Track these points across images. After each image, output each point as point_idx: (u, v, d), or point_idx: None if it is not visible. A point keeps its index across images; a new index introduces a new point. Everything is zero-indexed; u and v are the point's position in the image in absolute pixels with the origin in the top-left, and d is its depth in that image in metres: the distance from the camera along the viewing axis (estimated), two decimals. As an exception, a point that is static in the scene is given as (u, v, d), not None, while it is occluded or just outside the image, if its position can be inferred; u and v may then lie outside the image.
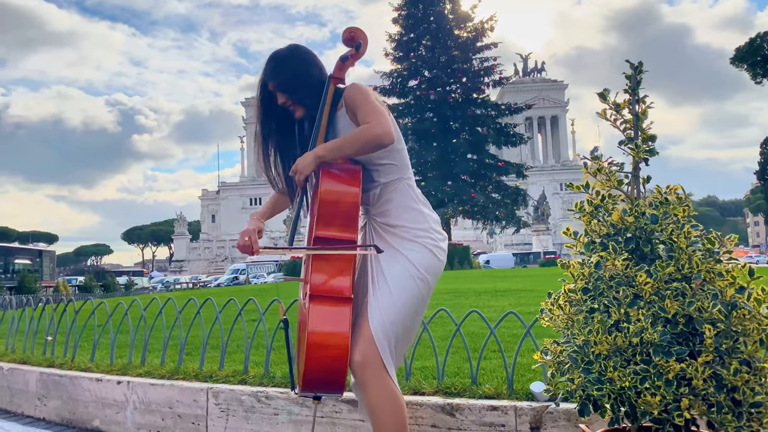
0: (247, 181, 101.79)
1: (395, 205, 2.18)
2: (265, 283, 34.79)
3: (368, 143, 2.05)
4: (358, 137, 2.05)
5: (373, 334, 1.99)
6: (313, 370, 1.95)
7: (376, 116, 2.06)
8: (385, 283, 2.07)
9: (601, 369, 1.87)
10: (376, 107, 2.10)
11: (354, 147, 2.07)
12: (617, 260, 1.97)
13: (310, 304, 1.97)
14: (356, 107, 2.12)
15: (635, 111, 2.18)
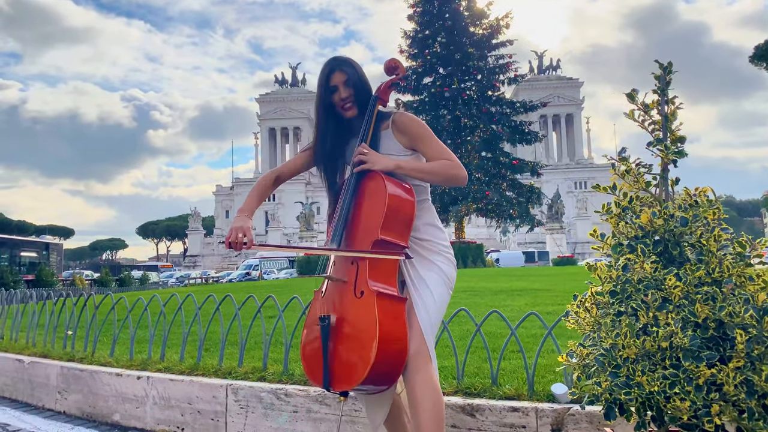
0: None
1: (423, 222, 2.37)
2: (277, 279, 34.89)
3: (452, 179, 2.32)
4: (446, 171, 2.29)
5: (422, 330, 2.17)
6: (381, 363, 2.04)
7: (454, 156, 2.32)
8: (426, 288, 2.26)
9: (629, 373, 1.85)
10: (445, 146, 2.33)
11: (437, 176, 2.30)
12: (646, 263, 1.95)
13: (378, 301, 2.08)
14: (422, 140, 2.34)
15: (664, 112, 2.16)
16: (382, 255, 2.19)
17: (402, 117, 2.40)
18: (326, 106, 2.43)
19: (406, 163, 2.30)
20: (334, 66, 2.40)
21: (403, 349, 2.10)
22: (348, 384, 2.13)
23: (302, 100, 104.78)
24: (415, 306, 2.22)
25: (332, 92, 2.40)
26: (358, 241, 2.27)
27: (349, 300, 2.20)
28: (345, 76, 2.38)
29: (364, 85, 2.43)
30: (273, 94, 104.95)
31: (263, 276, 43.40)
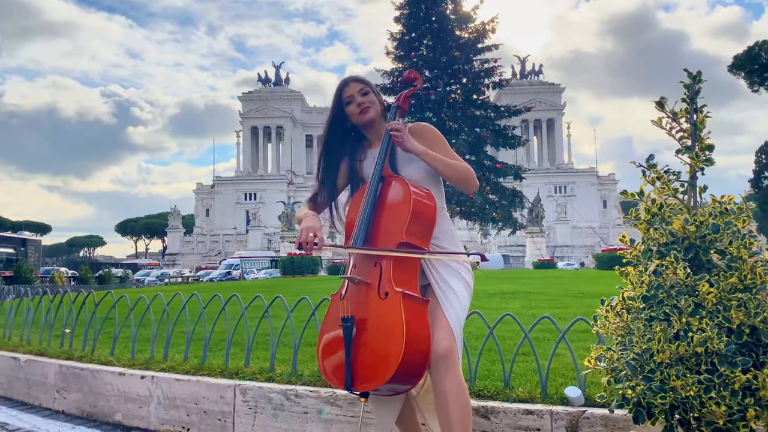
0: (242, 176, 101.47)
1: (442, 230, 2.43)
2: (256, 279, 34.72)
3: (468, 180, 2.40)
4: (466, 170, 2.38)
5: (452, 329, 2.23)
6: (407, 362, 2.06)
7: (467, 164, 2.43)
8: (452, 291, 2.32)
9: (663, 377, 1.88)
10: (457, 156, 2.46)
11: (458, 173, 2.38)
12: (678, 269, 1.98)
13: (403, 302, 2.11)
14: (439, 142, 2.47)
15: (693, 120, 2.19)
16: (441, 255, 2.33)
17: (418, 125, 2.53)
18: (337, 118, 2.55)
19: (432, 152, 2.38)
20: (347, 80, 2.55)
21: (426, 349, 2.14)
22: (373, 384, 2.15)
23: (285, 99, 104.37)
24: (443, 307, 2.28)
25: (347, 103, 2.50)
26: (381, 243, 2.31)
27: (372, 301, 2.22)
28: (360, 86, 2.50)
29: (379, 94, 2.59)
30: (256, 93, 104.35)
31: (244, 276, 43.10)
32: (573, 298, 7.84)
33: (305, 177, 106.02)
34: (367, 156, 2.59)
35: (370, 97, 2.50)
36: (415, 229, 2.26)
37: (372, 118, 2.50)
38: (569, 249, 75.98)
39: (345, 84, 2.53)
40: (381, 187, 2.41)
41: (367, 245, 2.38)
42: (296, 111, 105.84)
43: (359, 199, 2.49)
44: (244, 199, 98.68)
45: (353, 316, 2.27)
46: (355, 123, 2.54)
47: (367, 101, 2.48)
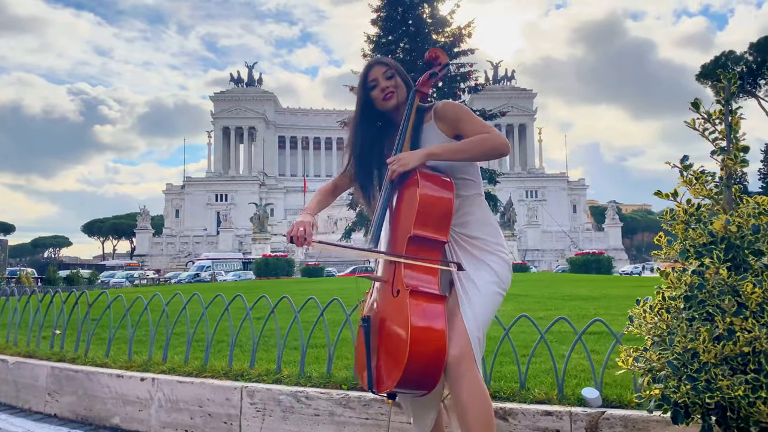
0: (213, 177, 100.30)
1: (475, 218, 2.30)
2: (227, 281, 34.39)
3: (493, 149, 2.19)
4: (481, 145, 2.19)
5: (467, 331, 2.07)
6: (414, 365, 1.96)
7: (492, 129, 2.23)
8: (475, 288, 2.17)
9: (709, 378, 1.88)
10: (485, 122, 2.26)
11: (476, 151, 2.20)
12: (721, 269, 1.98)
13: (410, 300, 2.01)
14: (460, 120, 2.28)
15: (728, 121, 2.21)
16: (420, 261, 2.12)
17: (441, 104, 2.37)
18: (365, 103, 2.42)
19: (438, 148, 2.22)
20: (372, 63, 2.42)
21: (439, 349, 2.00)
22: (386, 385, 2.09)
23: (258, 100, 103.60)
24: (461, 306, 2.14)
25: (372, 88, 2.38)
26: (398, 240, 2.23)
27: (387, 300, 2.16)
28: (384, 69, 2.38)
29: (405, 77, 2.42)
30: (228, 93, 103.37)
31: (216, 278, 42.57)
32: (562, 300, 7.91)
33: (277, 179, 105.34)
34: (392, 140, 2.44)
35: (395, 80, 2.37)
36: (426, 221, 2.13)
37: (396, 104, 2.37)
38: (540, 253, 76.82)
39: (370, 67, 2.41)
40: (397, 184, 2.29)
41: (386, 243, 2.35)
42: (269, 112, 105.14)
43: None
44: (214, 200, 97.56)
45: (370, 316, 2.23)
46: (380, 109, 2.41)
47: (391, 86, 2.36)
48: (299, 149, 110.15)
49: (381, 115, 2.44)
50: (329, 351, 3.59)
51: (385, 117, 2.45)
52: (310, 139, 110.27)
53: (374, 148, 2.46)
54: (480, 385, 2.07)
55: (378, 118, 2.45)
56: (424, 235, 2.12)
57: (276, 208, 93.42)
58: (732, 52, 58.80)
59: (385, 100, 2.36)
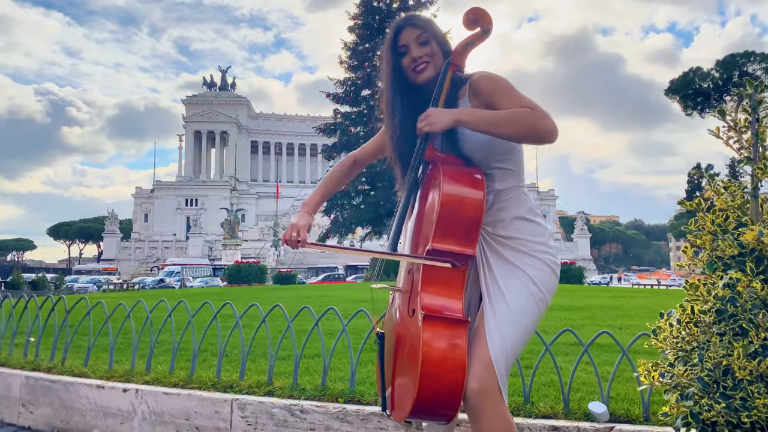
0: (183, 181, 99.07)
1: (510, 215, 1.94)
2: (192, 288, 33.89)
3: (534, 130, 1.80)
4: (523, 119, 1.79)
5: (492, 360, 1.76)
6: (427, 397, 1.71)
7: (537, 105, 1.83)
8: (503, 302, 1.84)
9: (746, 395, 1.80)
10: (530, 99, 1.86)
11: (513, 127, 1.80)
12: (755, 282, 1.91)
13: (424, 324, 1.72)
14: (493, 92, 1.90)
15: (755, 130, 2.15)
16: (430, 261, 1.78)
17: (480, 79, 1.96)
18: (395, 71, 2.02)
19: (469, 115, 1.84)
20: (403, 23, 2.02)
21: (456, 382, 1.72)
22: (399, 413, 1.85)
23: (231, 105, 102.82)
24: (486, 328, 1.81)
25: (402, 54, 2.00)
26: (416, 245, 1.93)
27: (403, 317, 1.90)
28: (418, 32, 1.99)
29: (443, 41, 2.02)
30: (201, 97, 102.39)
31: (186, 284, 41.89)
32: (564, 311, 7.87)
33: (249, 184, 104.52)
34: None
35: (431, 47, 1.98)
36: (447, 232, 1.79)
37: (429, 77, 1.98)
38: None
39: (399, 29, 2.00)
40: (425, 176, 1.96)
41: (407, 248, 2.09)
42: (242, 116, 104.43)
43: None
44: (185, 204, 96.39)
45: (383, 332, 2.01)
46: (411, 81, 2.02)
47: (424, 55, 1.97)
48: (272, 155, 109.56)
49: (412, 87, 2.04)
50: (324, 362, 3.45)
51: (418, 89, 2.04)
52: (284, 145, 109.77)
53: (407, 123, 2.02)
54: (506, 421, 1.77)
55: (409, 89, 2.05)
56: (446, 249, 1.79)
57: (247, 214, 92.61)
58: (699, 68, 60.20)
59: (417, 71, 1.99)
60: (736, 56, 58.63)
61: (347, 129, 33.74)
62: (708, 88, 59.23)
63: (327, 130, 34.64)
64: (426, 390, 1.69)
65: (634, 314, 7.76)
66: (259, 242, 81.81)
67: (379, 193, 31.22)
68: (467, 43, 1.95)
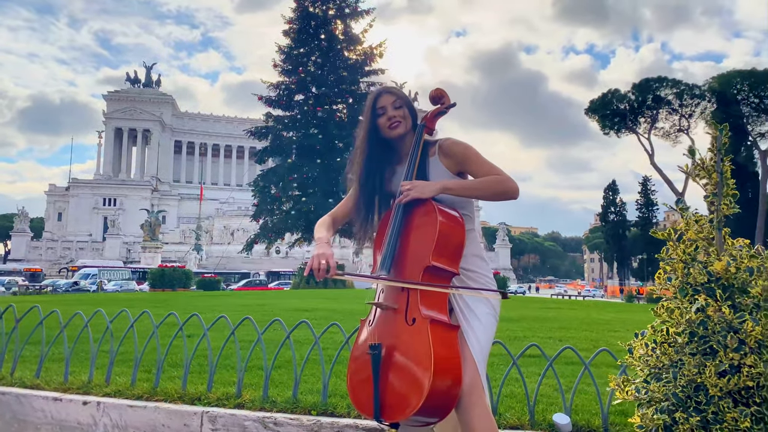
0: (102, 180, 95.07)
1: (470, 252, 2.33)
2: (110, 292, 32.68)
3: (505, 192, 2.28)
4: (494, 185, 2.27)
5: (476, 361, 2.13)
6: (436, 393, 1.98)
7: (502, 171, 2.31)
8: (477, 319, 2.22)
9: (718, 410, 2.01)
10: (493, 164, 2.33)
11: (489, 191, 2.28)
12: (723, 307, 2.13)
13: (431, 329, 2.04)
14: (468, 160, 2.35)
15: (720, 169, 2.38)
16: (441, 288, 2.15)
17: (446, 141, 2.42)
18: (372, 128, 2.45)
19: (453, 183, 2.30)
20: (382, 91, 2.47)
21: (457, 379, 2.04)
22: (400, 415, 2.07)
23: (155, 102, 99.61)
24: (466, 337, 2.18)
25: (379, 115, 2.42)
26: (408, 268, 2.24)
27: (400, 328, 2.15)
28: (394, 98, 2.43)
29: (412, 109, 2.48)
30: (123, 93, 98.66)
31: (104, 288, 40.14)
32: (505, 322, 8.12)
33: (171, 185, 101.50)
34: (395, 172, 2.51)
35: (403, 111, 2.42)
36: (442, 252, 2.18)
37: (401, 133, 2.42)
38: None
39: (379, 94, 2.46)
40: (407, 210, 2.33)
41: (394, 270, 2.33)
42: (166, 115, 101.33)
43: (386, 223, 2.43)
44: (102, 204, 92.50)
45: (380, 343, 2.21)
46: (384, 136, 2.45)
47: (398, 116, 2.41)
48: (197, 155, 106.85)
49: (384, 142, 2.47)
50: (295, 374, 3.49)
51: (388, 145, 2.48)
52: (209, 146, 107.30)
53: (376, 174, 2.49)
54: (489, 415, 2.11)
55: (381, 145, 2.47)
56: (441, 266, 2.16)
57: (169, 216, 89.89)
58: (617, 90, 63.43)
59: (391, 128, 2.41)
60: (651, 80, 62.10)
61: (280, 133, 33.38)
62: (624, 109, 62.44)
63: (258, 133, 34.15)
64: (438, 385, 1.97)
65: (569, 325, 8.16)
66: (181, 245, 79.56)
67: (311, 199, 31.08)
68: (437, 113, 2.48)
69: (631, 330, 7.96)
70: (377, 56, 34.87)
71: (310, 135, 31.99)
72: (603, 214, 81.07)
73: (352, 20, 35.00)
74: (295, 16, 34.44)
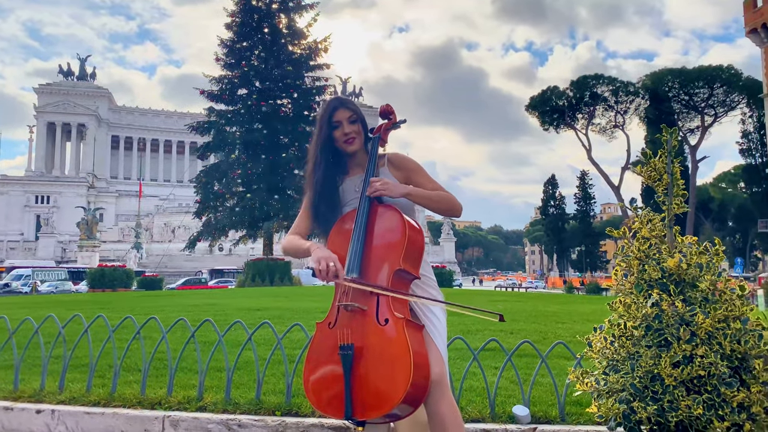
0: (33, 176, 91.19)
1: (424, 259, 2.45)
2: (45, 294, 31.49)
3: (454, 209, 2.47)
4: (450, 200, 2.45)
5: (442, 355, 2.28)
6: (414, 387, 2.08)
7: (446, 191, 2.49)
8: (435, 317, 2.37)
9: (672, 398, 2.14)
10: (435, 181, 2.53)
11: (441, 204, 2.45)
12: (677, 301, 2.27)
13: (407, 328, 2.15)
14: (417, 171, 2.55)
15: (671, 171, 2.52)
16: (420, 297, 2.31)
17: (396, 155, 2.61)
18: (327, 139, 2.52)
19: (413, 190, 2.43)
20: (339, 104, 2.53)
21: (428, 374, 2.16)
22: (378, 411, 2.14)
23: (90, 96, 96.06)
24: (431, 333, 2.31)
25: (335, 127, 2.50)
26: (376, 271, 2.32)
27: (371, 328, 2.22)
28: (349, 113, 2.51)
29: (365, 123, 2.58)
30: (56, 86, 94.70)
31: (38, 289, 38.53)
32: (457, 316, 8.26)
33: (109, 181, 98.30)
34: (344, 182, 2.58)
35: (357, 126, 2.51)
36: (409, 257, 2.29)
37: (356, 149, 2.52)
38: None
39: (335, 108, 2.51)
40: (371, 215, 2.41)
41: (361, 275, 2.39)
42: (102, 109, 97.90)
43: (342, 227, 2.48)
44: (34, 202, 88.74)
45: (352, 343, 2.26)
46: (339, 148, 2.53)
47: (353, 131, 2.49)
48: (135, 151, 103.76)
49: (335, 153, 2.55)
50: (258, 375, 3.49)
51: (339, 156, 2.56)
52: (148, 141, 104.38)
53: (331, 182, 2.56)
54: (455, 405, 2.25)
55: (334, 155, 2.55)
56: (408, 270, 2.28)
57: (106, 213, 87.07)
58: (556, 87, 65.10)
59: (346, 143, 2.50)
60: (588, 77, 64.00)
61: (223, 128, 32.74)
62: (563, 105, 64.21)
63: (200, 128, 33.40)
64: (416, 379, 2.08)
65: (518, 318, 8.37)
66: (120, 244, 77.10)
67: (255, 195, 30.65)
68: (393, 125, 2.63)
69: (577, 321, 8.28)
70: (322, 51, 34.62)
71: (254, 130, 31.55)
72: (543, 208, 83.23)
73: (296, 14, 34.60)
74: (238, 9, 33.81)
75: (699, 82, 58.39)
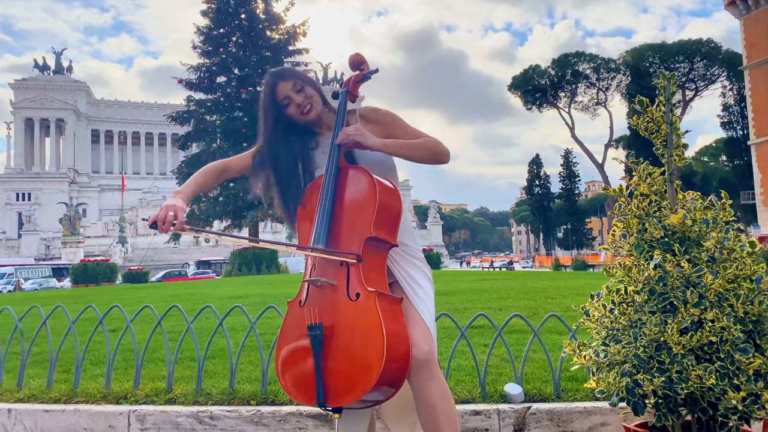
0: (13, 174, 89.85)
1: (402, 226, 2.23)
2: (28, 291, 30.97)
3: (439, 154, 2.23)
4: (432, 146, 2.22)
5: (430, 331, 2.07)
6: (389, 368, 1.87)
7: (430, 137, 2.26)
8: (421, 289, 2.17)
9: (682, 368, 1.92)
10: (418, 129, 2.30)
11: (424, 151, 2.22)
12: (682, 261, 2.04)
13: (379, 302, 1.93)
14: (396, 124, 2.30)
15: (670, 120, 2.29)
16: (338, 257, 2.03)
17: (369, 109, 2.36)
18: (277, 119, 2.28)
19: (390, 141, 2.20)
20: (275, 80, 2.27)
21: (407, 352, 1.96)
22: (351, 396, 1.92)
23: (68, 90, 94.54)
24: (416, 306, 2.11)
25: (285, 106, 2.26)
26: (345, 239, 2.09)
27: (342, 304, 2.00)
28: (291, 83, 2.25)
29: (312, 82, 2.32)
30: (32, 81, 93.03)
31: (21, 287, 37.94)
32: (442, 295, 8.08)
33: (90, 176, 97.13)
34: (319, 144, 2.34)
35: (307, 91, 2.26)
36: (382, 223, 2.07)
37: (316, 114, 2.28)
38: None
39: (275, 85, 2.26)
40: (339, 180, 2.18)
41: (331, 242, 2.15)
42: (81, 103, 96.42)
43: (312, 193, 2.24)
44: (15, 199, 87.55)
45: (321, 323, 2.03)
46: (300, 123, 2.29)
47: (305, 100, 2.25)
48: (116, 144, 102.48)
49: (295, 128, 2.31)
50: (231, 363, 3.25)
51: (299, 129, 2.32)
52: (129, 134, 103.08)
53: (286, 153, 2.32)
54: (446, 385, 2.04)
55: (292, 130, 2.31)
56: (381, 238, 2.06)
57: (89, 208, 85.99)
58: (538, 66, 64.91)
59: (304, 114, 2.26)
60: (569, 56, 63.84)
61: (203, 117, 32.24)
62: (545, 84, 64.06)
63: (180, 118, 32.89)
64: (391, 359, 1.86)
65: (507, 295, 8.19)
66: (104, 239, 76.24)
67: (239, 184, 30.26)
68: (361, 78, 2.38)
69: (566, 296, 8.11)
70: (300, 35, 34.14)
71: (235, 118, 31.12)
72: (528, 188, 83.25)
73: (272, 0, 34.05)
74: (213, -5, 33.21)
75: (679, 57, 58.38)
